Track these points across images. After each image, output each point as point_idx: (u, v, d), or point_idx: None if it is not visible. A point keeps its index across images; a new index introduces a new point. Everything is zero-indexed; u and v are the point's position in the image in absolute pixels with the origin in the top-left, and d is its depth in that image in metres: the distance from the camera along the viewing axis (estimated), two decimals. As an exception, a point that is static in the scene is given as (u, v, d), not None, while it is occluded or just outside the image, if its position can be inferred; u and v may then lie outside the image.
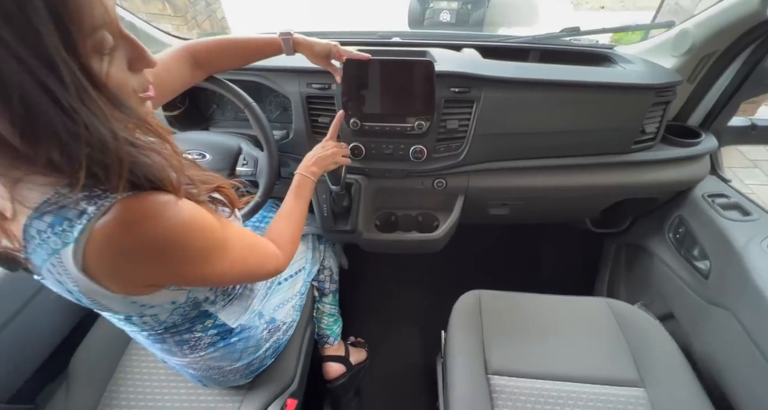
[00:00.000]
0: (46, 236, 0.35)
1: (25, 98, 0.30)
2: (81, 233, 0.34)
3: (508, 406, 0.70)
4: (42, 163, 0.33)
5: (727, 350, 0.75)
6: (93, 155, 0.33)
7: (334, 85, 0.85)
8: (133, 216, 0.35)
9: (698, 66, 0.87)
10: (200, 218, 0.41)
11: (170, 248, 0.38)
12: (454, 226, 1.00)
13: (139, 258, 0.38)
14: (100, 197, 0.35)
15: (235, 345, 0.64)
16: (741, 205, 0.86)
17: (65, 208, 0.35)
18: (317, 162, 0.74)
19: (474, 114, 0.85)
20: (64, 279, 0.38)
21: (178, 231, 0.38)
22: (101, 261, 0.36)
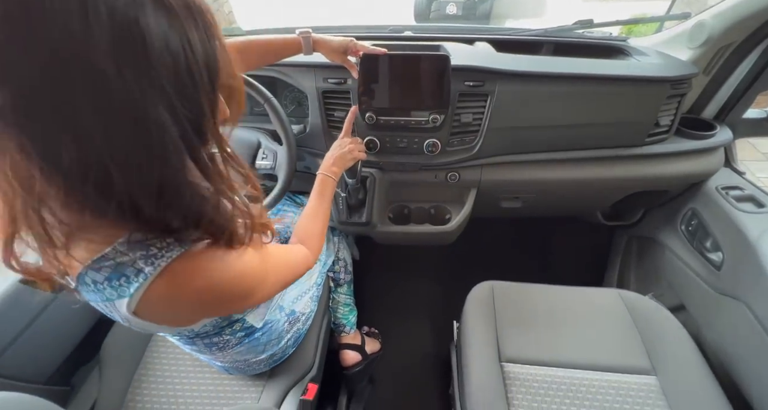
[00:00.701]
0: (101, 287, 0.37)
1: (169, 154, 0.31)
2: (137, 290, 0.36)
3: (522, 392, 0.72)
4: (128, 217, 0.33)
5: (739, 340, 0.76)
6: (195, 211, 0.35)
7: (350, 80, 0.86)
8: (186, 275, 0.37)
9: (714, 58, 0.87)
10: (248, 266, 0.43)
11: (220, 297, 0.41)
12: (467, 219, 1.01)
13: (190, 308, 0.42)
14: (156, 256, 0.36)
15: (259, 339, 0.67)
16: (756, 197, 0.86)
17: (122, 265, 0.36)
18: (336, 161, 0.76)
19: (488, 107, 0.85)
20: (114, 315, 0.40)
21: (228, 283, 0.41)
22: (154, 310, 0.39)
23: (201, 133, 0.33)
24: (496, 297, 0.87)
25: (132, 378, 0.75)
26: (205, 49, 0.31)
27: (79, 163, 0.28)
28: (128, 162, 0.29)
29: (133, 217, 0.33)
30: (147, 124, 0.28)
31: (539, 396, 0.71)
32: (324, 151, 0.94)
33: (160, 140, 0.29)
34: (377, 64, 0.80)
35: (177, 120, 0.30)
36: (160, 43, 0.28)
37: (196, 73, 0.31)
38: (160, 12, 0.28)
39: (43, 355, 0.74)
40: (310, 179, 1.04)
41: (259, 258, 0.45)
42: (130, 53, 0.27)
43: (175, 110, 0.30)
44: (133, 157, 0.29)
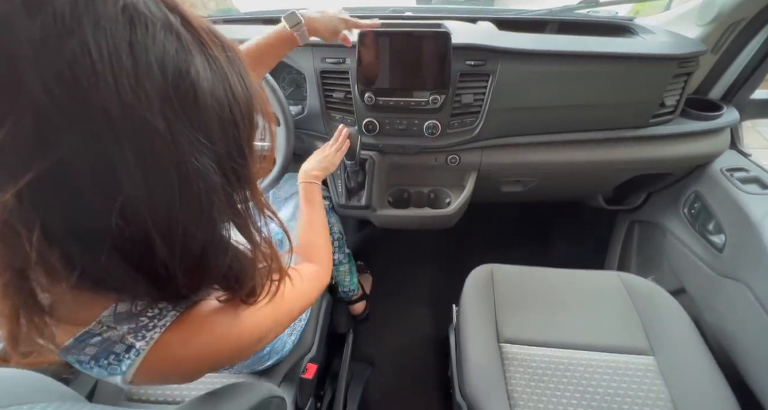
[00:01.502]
0: (88, 367, 0.32)
1: (213, 213, 0.28)
2: (129, 367, 0.32)
3: (520, 372, 0.72)
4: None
5: (739, 321, 0.76)
6: (236, 270, 0.33)
7: (348, 60, 0.85)
8: (186, 341, 0.33)
9: (724, 35, 0.84)
10: (258, 317, 0.39)
11: (224, 353, 0.37)
12: (466, 203, 1.00)
13: (192, 369, 0.36)
14: (147, 328, 0.32)
15: (262, 352, 0.65)
16: (761, 179, 0.85)
17: (109, 342, 0.31)
18: (316, 166, 0.73)
19: (489, 88, 0.84)
20: (109, 380, 0.35)
21: (236, 340, 0.37)
22: (153, 378, 0.34)
23: (244, 181, 0.30)
24: (495, 280, 0.87)
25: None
26: (244, 91, 0.29)
27: (119, 235, 0.24)
28: (172, 226, 0.26)
29: (156, 287, 0.30)
30: (195, 180, 0.26)
31: (537, 375, 0.72)
32: (323, 133, 0.94)
33: (207, 196, 0.27)
34: (376, 43, 0.78)
35: (222, 170, 0.28)
36: (209, 93, 0.26)
37: (239, 118, 0.28)
38: (204, 58, 0.26)
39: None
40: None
41: (272, 308, 0.40)
42: (181, 106, 0.24)
43: (221, 159, 0.27)
44: (180, 219, 0.26)
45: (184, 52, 0.24)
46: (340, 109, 0.91)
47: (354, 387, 1.02)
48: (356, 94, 0.86)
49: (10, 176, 0.21)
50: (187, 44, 0.25)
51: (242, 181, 0.30)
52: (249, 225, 0.33)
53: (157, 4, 0.24)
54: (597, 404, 0.67)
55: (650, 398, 0.67)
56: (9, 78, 0.20)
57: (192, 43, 0.25)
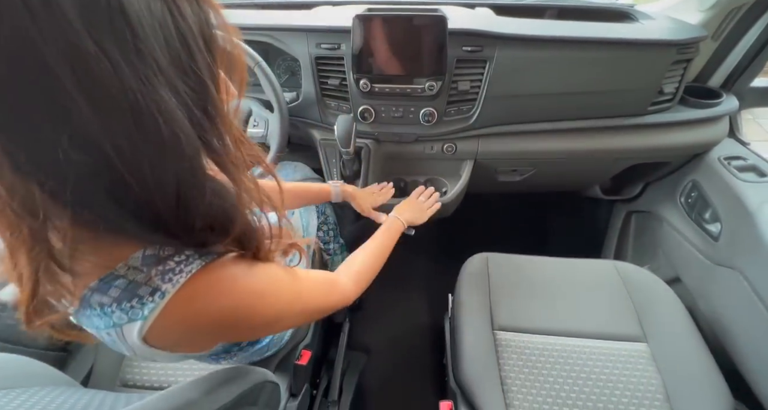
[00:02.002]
0: (110, 310, 0.31)
1: (182, 144, 0.26)
2: (152, 311, 0.31)
3: (513, 359, 0.73)
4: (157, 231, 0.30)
5: (733, 308, 0.76)
6: (218, 210, 0.31)
7: (343, 46, 0.83)
8: (208, 292, 0.33)
9: (725, 21, 0.83)
10: (276, 284, 0.39)
11: (245, 318, 0.36)
12: (463, 192, 1.00)
13: (209, 331, 0.36)
14: (175, 272, 0.31)
15: (263, 343, 0.65)
16: (758, 167, 0.84)
17: (135, 284, 0.31)
18: (409, 212, 0.83)
19: (486, 74, 0.83)
20: (118, 345, 0.35)
21: (252, 303, 0.36)
22: (169, 335, 0.34)
23: (209, 114, 0.28)
24: (490, 268, 0.87)
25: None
26: (196, 13, 0.27)
27: (82, 167, 0.23)
28: (137, 158, 0.24)
29: (153, 228, 0.29)
30: (150, 110, 0.24)
31: (530, 362, 0.72)
32: (318, 120, 0.93)
33: (169, 128, 0.25)
34: (371, 27, 0.77)
35: (181, 101, 0.26)
36: (142, 9, 0.23)
37: (190, 40, 0.26)
38: None
39: (40, 321, 0.75)
40: (306, 151, 1.03)
41: (291, 277, 0.41)
42: (105, 22, 0.21)
43: (177, 89, 0.25)
44: (142, 151, 0.24)
45: None
46: (336, 96, 0.90)
47: (350, 375, 1.03)
48: (351, 80, 0.85)
49: None
50: None
51: (208, 114, 0.28)
52: (227, 163, 0.31)
53: None
54: (589, 390, 0.68)
55: (642, 384, 0.68)
56: None
57: None
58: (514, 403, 0.67)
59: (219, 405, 0.38)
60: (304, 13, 0.91)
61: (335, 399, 0.93)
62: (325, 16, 0.87)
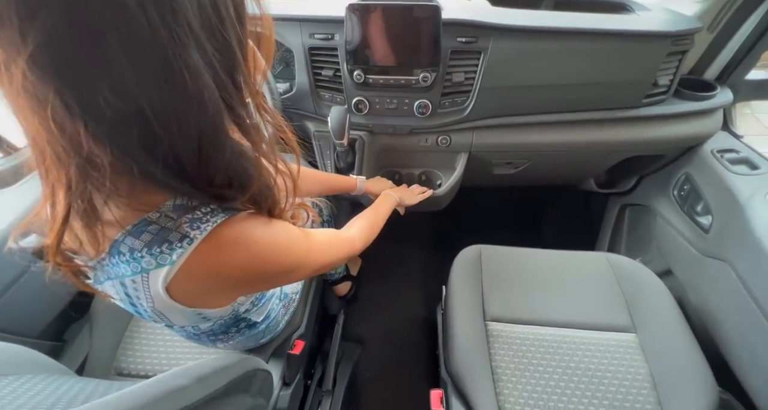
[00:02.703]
0: (139, 255, 0.34)
1: (205, 103, 0.28)
2: (180, 256, 0.33)
3: (504, 349, 0.73)
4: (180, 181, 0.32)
5: (721, 299, 0.77)
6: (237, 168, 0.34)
7: (337, 36, 0.82)
8: (232, 242, 0.35)
9: (721, 12, 0.83)
10: (291, 237, 0.42)
11: (265, 269, 0.39)
12: (457, 184, 1.00)
13: (231, 281, 0.38)
14: (202, 221, 0.34)
15: (259, 328, 0.65)
16: (750, 160, 0.85)
17: (166, 230, 0.33)
18: (399, 191, 0.89)
19: (481, 66, 0.82)
20: (139, 295, 0.36)
21: (271, 253, 0.39)
22: (191, 284, 0.36)
23: (234, 79, 0.31)
24: (483, 260, 0.88)
25: (123, 333, 0.77)
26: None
27: (120, 113, 0.26)
28: (165, 110, 0.27)
29: (178, 176, 0.31)
30: (179, 67, 0.26)
31: (521, 352, 0.73)
32: (312, 112, 0.93)
33: (195, 85, 0.27)
34: (365, 17, 0.76)
35: (209, 63, 0.28)
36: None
37: (221, 7, 0.28)
38: None
39: (35, 309, 0.75)
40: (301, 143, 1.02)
41: (302, 232, 0.44)
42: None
43: (205, 50, 0.27)
44: (170, 103, 0.27)
45: None
46: (329, 88, 0.89)
47: (344, 365, 1.04)
48: (345, 71, 0.84)
49: (16, 49, 0.23)
50: None
51: (234, 79, 0.31)
52: (248, 127, 0.33)
53: None
54: (578, 379, 0.69)
55: (630, 373, 0.69)
56: None
57: None
58: (504, 392, 0.68)
59: (209, 391, 0.39)
60: (298, 3, 0.89)
61: (329, 389, 0.94)
62: (319, 6, 0.86)
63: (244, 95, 0.32)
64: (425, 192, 0.95)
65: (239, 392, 0.47)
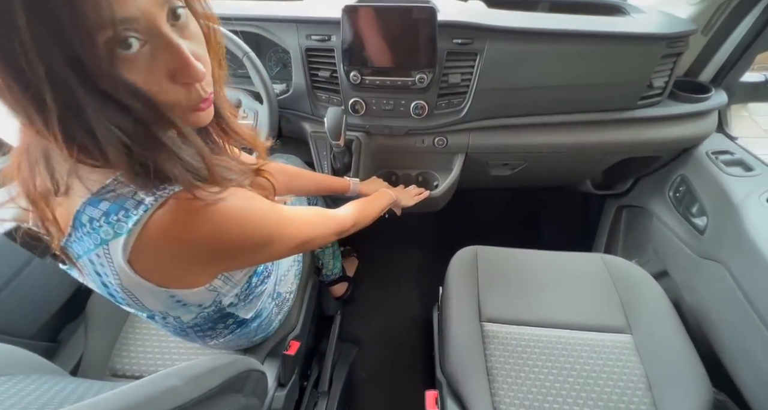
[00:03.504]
0: (98, 225, 0.34)
1: (57, 93, 0.28)
2: (135, 224, 0.33)
3: (500, 349, 0.74)
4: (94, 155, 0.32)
5: (717, 301, 0.77)
6: (132, 154, 0.32)
7: (334, 37, 0.83)
8: (190, 208, 0.34)
9: (715, 15, 0.83)
10: (256, 207, 0.41)
11: (228, 240, 0.38)
12: (454, 185, 1.00)
13: (196, 255, 0.37)
14: (159, 188, 0.34)
15: (250, 326, 0.64)
16: (745, 161, 0.85)
17: (123, 197, 0.33)
18: (396, 192, 0.89)
19: (477, 67, 0.83)
20: (105, 271, 0.36)
21: (234, 221, 0.38)
22: (152, 254, 0.35)
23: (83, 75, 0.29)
24: (479, 261, 0.88)
25: (118, 334, 0.76)
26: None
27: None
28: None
29: (125, 164, 0.32)
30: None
31: (516, 353, 0.73)
32: (309, 112, 0.93)
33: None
34: (361, 18, 0.76)
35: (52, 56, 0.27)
36: None
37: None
38: None
39: (29, 310, 0.75)
40: (299, 144, 1.02)
41: (271, 204, 0.43)
42: None
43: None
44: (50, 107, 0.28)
45: None
46: (326, 89, 0.89)
47: (340, 366, 1.04)
48: (342, 72, 0.84)
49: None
50: None
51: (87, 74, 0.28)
52: (184, 132, 0.34)
53: None
54: (573, 380, 0.69)
55: (625, 373, 0.69)
56: None
57: None
58: (499, 393, 0.68)
59: (202, 391, 0.38)
60: (295, 4, 0.90)
61: (325, 390, 0.94)
62: (315, 7, 0.86)
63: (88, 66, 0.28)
64: (422, 193, 0.95)
65: (233, 392, 0.47)
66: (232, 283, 0.50)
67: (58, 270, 0.79)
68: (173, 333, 0.57)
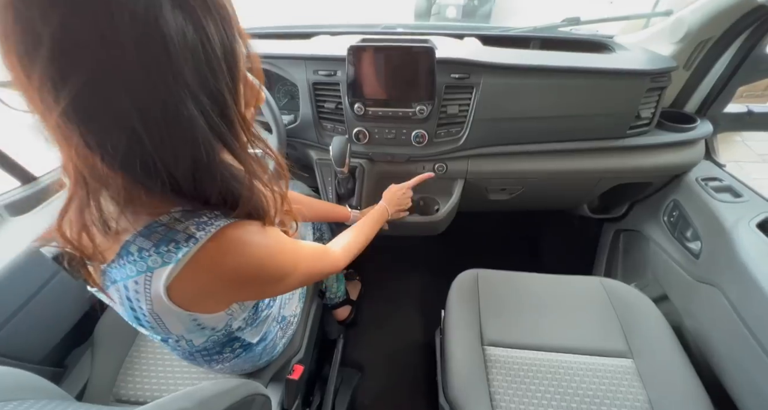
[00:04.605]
0: (147, 254, 0.38)
1: (199, 142, 0.34)
2: (184, 255, 0.37)
3: (502, 374, 0.74)
4: (179, 194, 0.37)
5: (715, 324, 0.78)
6: (230, 189, 0.39)
7: (339, 72, 0.89)
8: (233, 243, 0.39)
9: (694, 52, 0.89)
10: (283, 242, 0.46)
11: (258, 274, 0.43)
12: (454, 209, 1.03)
13: (229, 282, 0.42)
14: (207, 224, 0.38)
15: (255, 350, 0.66)
16: (733, 188, 0.88)
17: (174, 231, 0.38)
18: (393, 203, 0.89)
19: (473, 99, 0.88)
20: (139, 296, 0.40)
21: (265, 256, 0.43)
22: (191, 285, 0.39)
23: (228, 120, 0.36)
24: (480, 284, 0.89)
25: (124, 359, 0.77)
26: (223, 41, 0.34)
27: (128, 151, 0.32)
28: (165, 149, 0.33)
29: (177, 194, 0.37)
30: (177, 119, 0.32)
31: (519, 377, 0.73)
32: (315, 141, 0.97)
33: (191, 131, 0.33)
34: (365, 57, 0.82)
35: (203, 112, 0.33)
36: (179, 40, 0.30)
37: (216, 65, 0.33)
38: (177, 10, 0.30)
39: (39, 335, 0.76)
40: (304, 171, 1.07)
41: (292, 241, 0.49)
42: (152, 54, 0.30)
43: (201, 103, 0.33)
44: (169, 145, 0.33)
45: (153, 5, 0.29)
46: (332, 119, 0.94)
47: (342, 392, 1.03)
48: (347, 104, 0.90)
49: (51, 105, 0.29)
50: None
51: (227, 120, 0.36)
52: (240, 155, 0.38)
53: None
54: (576, 405, 0.69)
55: (628, 399, 0.69)
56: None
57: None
58: (503, 419, 0.68)
59: (211, 414, 0.40)
60: (304, 43, 0.97)
61: (327, 417, 0.93)
62: (323, 46, 0.93)
63: (236, 130, 0.37)
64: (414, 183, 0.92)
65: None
66: (243, 307, 0.53)
67: (68, 296, 0.81)
68: (181, 356, 0.58)
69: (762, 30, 0.81)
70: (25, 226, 0.77)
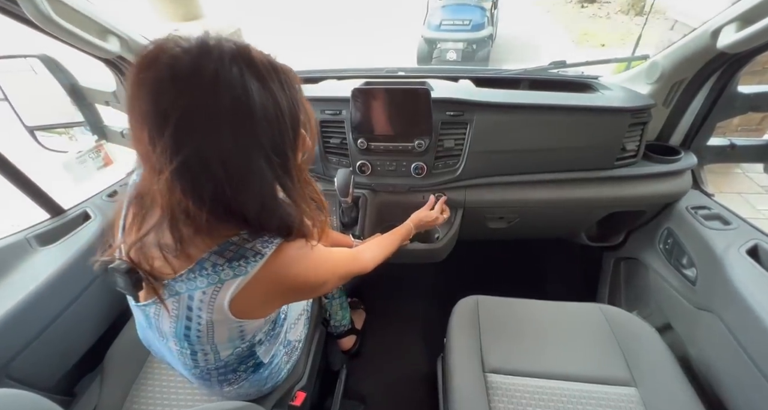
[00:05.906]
0: (220, 269, 0.46)
1: (266, 189, 0.45)
2: (253, 268, 0.46)
3: (504, 402, 0.73)
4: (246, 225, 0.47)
5: (717, 352, 0.78)
6: (284, 221, 0.48)
7: (344, 111, 0.97)
8: (291, 256, 0.49)
9: (671, 92, 0.97)
10: (324, 256, 0.56)
11: (307, 279, 0.52)
12: (454, 238, 1.07)
13: (286, 288, 0.52)
14: (269, 242, 0.48)
15: (262, 374, 0.68)
16: (722, 216, 0.91)
17: (244, 249, 0.46)
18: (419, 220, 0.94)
19: (468, 134, 0.95)
20: (201, 306, 0.48)
21: (314, 265, 0.53)
22: (253, 294, 0.48)
23: (287, 170, 0.46)
24: (480, 311, 0.91)
25: (131, 387, 0.78)
26: (291, 111, 0.43)
27: (215, 197, 0.42)
28: (240, 195, 0.43)
29: (245, 224, 0.47)
30: (252, 172, 0.42)
31: (521, 405, 0.73)
32: (321, 173, 1.04)
33: (260, 181, 0.43)
34: (367, 97, 0.91)
35: (271, 166, 0.43)
36: (261, 114, 0.40)
37: (284, 130, 0.43)
38: (261, 90, 0.40)
39: (51, 363, 0.78)
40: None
41: (329, 252, 0.59)
42: (241, 125, 0.40)
43: (270, 159, 0.43)
44: (244, 192, 0.43)
45: (242, 79, 0.39)
46: (337, 153, 1.02)
47: (344, 425, 1.00)
48: (351, 140, 0.97)
49: (165, 165, 0.39)
50: (248, 77, 0.39)
51: (287, 171, 0.46)
52: (295, 196, 0.48)
53: (234, 57, 0.39)
54: (580, 435, 0.68)
55: (632, 429, 0.68)
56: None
57: (251, 75, 0.40)
58: (506, 449, 0.66)
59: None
60: (312, 86, 1.07)
61: (328, 451, 0.90)
62: (329, 88, 1.03)
63: (293, 177, 0.47)
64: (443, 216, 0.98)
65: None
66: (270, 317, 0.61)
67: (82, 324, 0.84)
68: (198, 377, 0.61)
69: (729, 72, 0.89)
70: (51, 257, 0.82)
